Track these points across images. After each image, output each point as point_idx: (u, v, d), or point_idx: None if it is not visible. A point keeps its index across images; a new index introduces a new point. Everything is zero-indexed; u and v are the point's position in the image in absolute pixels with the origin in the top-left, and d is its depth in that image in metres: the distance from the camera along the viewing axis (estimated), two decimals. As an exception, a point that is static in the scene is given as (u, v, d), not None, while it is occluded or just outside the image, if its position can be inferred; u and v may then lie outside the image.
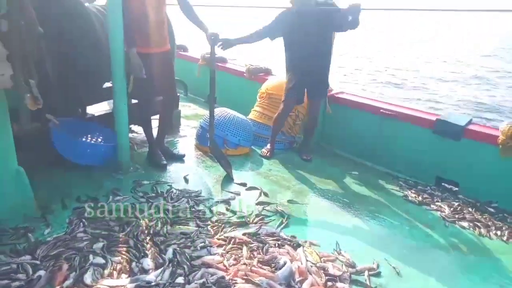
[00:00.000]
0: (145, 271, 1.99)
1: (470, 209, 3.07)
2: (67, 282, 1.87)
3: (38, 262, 2.00)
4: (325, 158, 3.91)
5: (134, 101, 3.58)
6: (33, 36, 2.20)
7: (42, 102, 2.30)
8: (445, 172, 3.47)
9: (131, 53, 2.93)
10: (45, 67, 2.87)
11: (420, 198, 3.20)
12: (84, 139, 3.19)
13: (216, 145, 3.41)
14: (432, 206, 3.10)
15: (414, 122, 3.59)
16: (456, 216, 2.95)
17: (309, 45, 3.46)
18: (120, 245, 2.19)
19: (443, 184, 3.49)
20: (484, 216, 2.96)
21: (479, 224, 2.85)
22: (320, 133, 4.22)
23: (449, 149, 3.38)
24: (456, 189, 3.40)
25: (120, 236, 2.27)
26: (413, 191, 3.34)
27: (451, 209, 3.04)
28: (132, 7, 2.88)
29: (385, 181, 3.52)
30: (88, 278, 1.90)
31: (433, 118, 3.51)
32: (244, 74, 4.88)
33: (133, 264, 2.04)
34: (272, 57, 3.67)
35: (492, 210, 3.05)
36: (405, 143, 3.67)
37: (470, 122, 3.41)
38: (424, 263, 2.36)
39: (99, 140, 3.32)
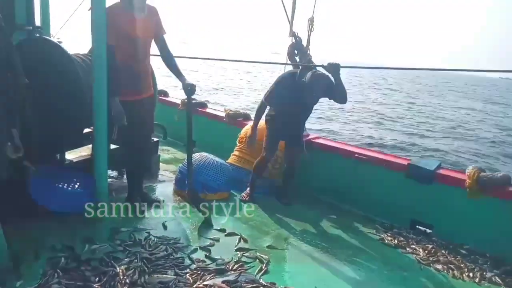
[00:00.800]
0: (121, 325, 1.94)
1: (443, 251, 3.16)
2: None
3: (8, 318, 1.91)
4: (304, 202, 3.98)
5: (113, 146, 3.61)
6: (19, 86, 2.26)
7: (22, 151, 2.32)
8: (419, 215, 3.59)
9: (113, 102, 3.00)
10: (25, 113, 2.89)
11: (396, 241, 3.28)
12: (62, 186, 3.15)
13: (194, 190, 3.43)
14: (407, 249, 3.18)
15: (387, 166, 3.76)
16: (431, 258, 3.03)
17: (297, 105, 3.70)
18: (95, 297, 2.13)
19: (417, 227, 3.60)
20: (457, 258, 3.06)
21: (452, 266, 2.93)
22: (298, 176, 4.31)
23: (421, 192, 3.53)
24: (430, 231, 3.51)
25: (96, 287, 2.21)
26: (389, 234, 3.42)
27: (426, 251, 3.12)
28: (119, 59, 2.99)
29: (361, 224, 3.60)
30: (61, 334, 1.83)
31: (405, 162, 3.69)
32: (224, 119, 5.01)
33: (109, 317, 1.99)
34: (251, 102, 3.81)
35: (464, 252, 3.16)
36: (379, 186, 3.80)
37: (439, 167, 3.59)
38: (401, 308, 2.40)
39: (76, 186, 3.29)
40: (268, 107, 3.83)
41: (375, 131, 13.21)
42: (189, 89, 3.26)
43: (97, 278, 2.30)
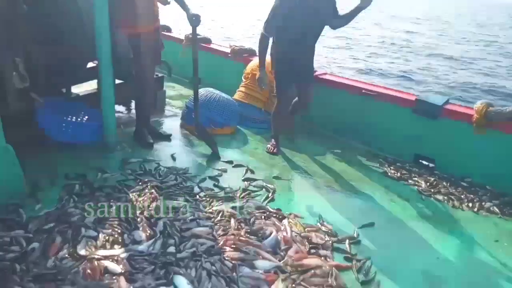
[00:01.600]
0: (137, 243, 2.07)
1: (445, 183, 3.24)
2: (61, 253, 1.93)
3: (31, 235, 2.04)
4: (309, 137, 4.02)
5: (118, 81, 3.59)
6: (18, 14, 2.19)
7: (28, 81, 2.32)
8: (423, 150, 3.63)
9: (117, 34, 2.92)
10: (30, 47, 2.85)
11: (398, 174, 3.36)
12: (69, 119, 3.18)
13: (201, 125, 3.47)
14: (409, 181, 3.26)
15: (394, 101, 3.72)
16: (432, 190, 3.12)
17: (304, 32, 3.23)
18: (111, 219, 2.25)
19: (420, 161, 3.66)
20: (457, 190, 3.14)
21: (452, 197, 3.03)
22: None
23: (427, 127, 3.53)
24: (433, 165, 3.57)
25: (111, 210, 2.32)
26: (392, 167, 3.50)
27: (427, 184, 3.21)
28: None
29: (366, 158, 3.66)
30: (81, 249, 1.96)
31: (413, 98, 3.65)
32: (229, 55, 4.89)
33: (125, 236, 2.11)
34: (256, 38, 3.69)
35: (465, 184, 3.24)
36: (385, 122, 3.80)
37: (447, 102, 3.56)
38: (401, 233, 2.53)
39: (85, 119, 3.32)
40: (271, 40, 3.34)
41: (386, 65, 12.69)
42: (194, 19, 3.15)
43: (111, 203, 2.41)
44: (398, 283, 2.04)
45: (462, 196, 3.04)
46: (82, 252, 1.95)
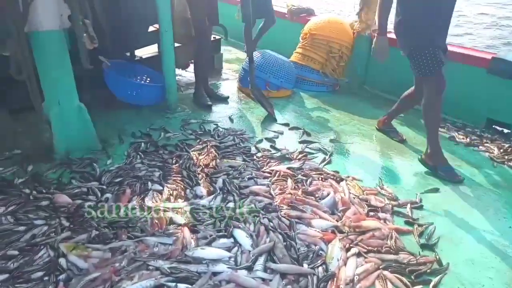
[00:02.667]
0: (198, 197, 2.17)
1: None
2: (131, 204, 2.09)
3: (104, 187, 2.23)
4: (369, 101, 3.85)
5: (177, 44, 3.66)
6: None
7: (97, 41, 2.43)
8: (497, 114, 3.33)
9: None
10: (95, 10, 2.98)
11: (468, 140, 3.13)
12: (134, 80, 3.34)
13: (257, 87, 3.46)
14: (480, 147, 3.03)
15: (466, 61, 3.40)
16: (506, 157, 2.87)
17: None
18: (174, 175, 2.37)
19: (494, 126, 3.36)
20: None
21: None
22: (364, 75, 4.12)
23: (503, 89, 3.21)
24: (508, 131, 3.27)
25: (174, 167, 2.45)
26: (461, 133, 3.26)
27: (501, 150, 2.96)
28: None
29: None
30: (149, 201, 2.10)
31: (489, 56, 3.31)
32: (286, 15, 4.75)
33: (187, 191, 2.22)
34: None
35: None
36: (455, 84, 3.46)
37: (529, 60, 3.18)
38: (468, 200, 2.38)
39: (148, 81, 3.47)
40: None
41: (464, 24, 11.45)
42: None
43: (174, 160, 2.53)
44: (463, 250, 1.95)
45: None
46: (149, 203, 2.09)
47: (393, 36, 2.78)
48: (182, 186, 2.25)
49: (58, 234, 1.83)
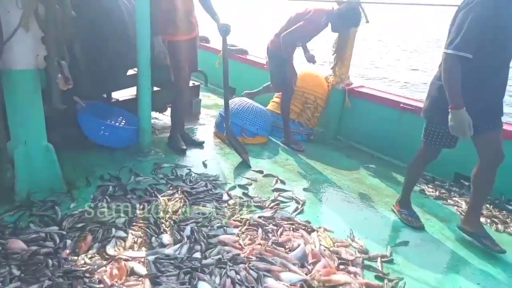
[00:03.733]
0: (164, 246, 2.07)
1: (488, 205, 3.03)
2: (91, 251, 1.97)
3: (64, 232, 2.11)
4: (342, 151, 3.93)
5: (156, 88, 3.69)
6: (67, 19, 2.31)
7: (72, 83, 2.42)
8: (464, 168, 3.43)
9: (156, 41, 3.03)
10: (75, 52, 3.00)
11: (437, 193, 3.19)
12: (108, 122, 3.30)
13: (232, 133, 3.48)
14: (449, 201, 3.09)
15: (434, 117, 3.56)
16: (473, 211, 2.92)
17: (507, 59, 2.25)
18: (140, 221, 2.28)
19: (461, 180, 3.46)
20: (502, 213, 2.93)
21: (496, 220, 2.83)
22: (338, 125, 4.23)
23: (470, 145, 3.33)
24: (475, 186, 3.36)
25: (141, 213, 2.36)
26: (430, 186, 3.33)
27: (468, 204, 3.01)
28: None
29: (401, 174, 3.51)
30: (110, 249, 2.00)
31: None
32: (265, 66, 4.90)
33: (153, 239, 2.13)
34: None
35: (511, 207, 3.01)
36: (424, 138, 3.64)
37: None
38: (437, 254, 2.38)
39: (122, 123, 3.44)
40: None
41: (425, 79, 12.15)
42: (224, 29, 3.21)
43: (141, 206, 2.45)
44: (433, 308, 1.91)
45: (507, 220, 2.83)
46: (111, 252, 1.98)
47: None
48: (147, 234, 2.16)
49: (5, 285, 1.69)
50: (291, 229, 2.37)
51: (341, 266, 2.08)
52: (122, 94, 3.70)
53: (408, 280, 2.07)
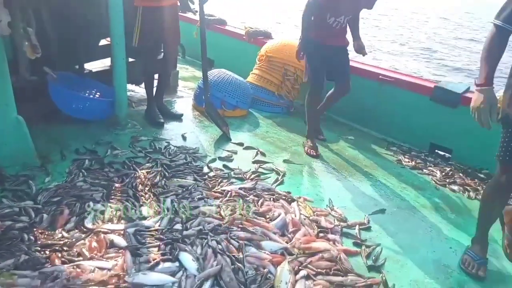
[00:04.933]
0: (144, 219, 2.05)
1: (461, 174, 3.15)
2: (69, 225, 1.93)
3: (40, 206, 2.05)
4: (322, 123, 3.93)
5: (131, 59, 3.56)
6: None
7: (40, 51, 2.29)
8: (439, 139, 3.53)
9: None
10: (42, 18, 2.83)
11: (413, 163, 3.27)
12: (82, 94, 3.18)
13: (212, 105, 3.42)
14: (424, 170, 3.18)
15: (412, 89, 3.61)
16: (447, 180, 3.03)
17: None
18: (119, 194, 2.24)
19: (436, 151, 3.56)
20: (474, 181, 3.05)
21: (468, 188, 2.94)
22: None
23: (445, 116, 3.42)
24: (449, 156, 3.47)
25: (120, 186, 2.31)
26: (406, 156, 3.41)
27: (443, 173, 3.12)
28: None
29: (379, 146, 3.58)
30: (89, 222, 1.96)
31: (431, 85, 3.54)
32: (244, 37, 4.81)
33: (132, 211, 2.10)
34: (272, 20, 3.61)
35: (482, 176, 3.13)
36: (402, 109, 3.70)
37: (467, 90, 3.43)
38: (412, 221, 2.46)
39: (97, 95, 3.31)
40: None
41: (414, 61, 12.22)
42: None
43: (120, 179, 2.40)
44: (408, 271, 1.99)
45: (479, 188, 2.95)
46: (89, 225, 1.94)
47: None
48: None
49: (-21, 259, 1.64)
50: (272, 199, 2.39)
51: (321, 234, 2.12)
52: (95, 65, 3.56)
53: (385, 246, 2.14)
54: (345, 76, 3.29)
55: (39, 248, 1.75)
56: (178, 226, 2.00)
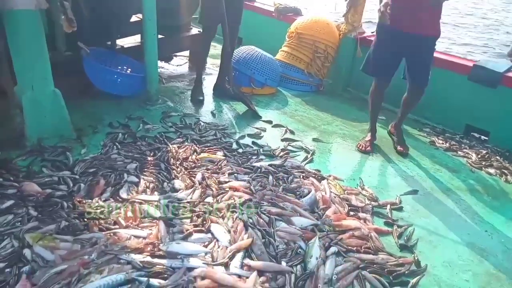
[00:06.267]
0: (176, 191, 2.09)
1: (498, 157, 3.02)
2: (105, 195, 1.99)
3: (77, 177, 2.12)
4: (352, 102, 3.86)
5: (160, 36, 3.56)
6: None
7: (76, 25, 2.33)
8: (476, 121, 3.38)
9: None
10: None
11: (447, 145, 3.16)
12: (114, 69, 3.23)
13: (236, 85, 3.42)
14: (459, 152, 3.07)
15: (448, 67, 3.45)
16: (483, 163, 2.91)
17: None
18: (151, 167, 2.29)
19: (472, 133, 3.42)
20: (512, 165, 2.92)
21: (506, 171, 2.82)
22: (348, 77, 4.13)
23: (483, 97, 3.26)
24: (486, 138, 3.33)
25: (152, 159, 2.36)
26: (440, 137, 3.30)
27: (479, 156, 3.00)
28: None
29: (412, 127, 3.47)
30: (123, 193, 2.02)
31: (470, 64, 3.37)
32: (273, 14, 4.71)
33: (165, 184, 2.14)
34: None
35: (521, 159, 3.00)
36: (436, 89, 3.52)
37: (509, 69, 3.25)
38: (446, 203, 2.39)
39: (128, 71, 3.36)
40: None
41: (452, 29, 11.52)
42: None
43: (151, 153, 2.45)
44: (441, 252, 1.95)
45: (517, 171, 2.82)
46: (124, 195, 2.00)
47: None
48: (159, 179, 2.17)
49: (24, 223, 1.72)
50: (301, 176, 2.38)
51: (351, 213, 2.10)
52: (127, 41, 3.59)
53: (417, 226, 2.10)
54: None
55: (78, 216, 1.82)
56: (210, 199, 2.03)
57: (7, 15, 2.15)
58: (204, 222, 1.84)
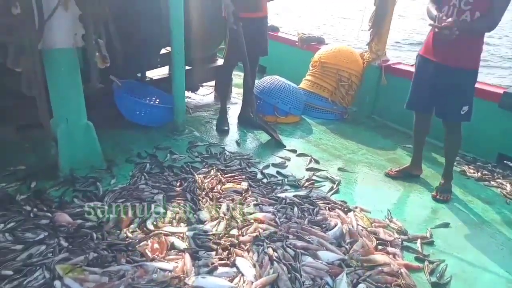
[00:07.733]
0: (202, 222, 2.10)
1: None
2: (132, 226, 2.03)
3: (106, 207, 2.17)
4: (377, 130, 3.81)
5: (187, 67, 3.68)
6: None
7: (109, 61, 2.45)
8: (509, 149, 3.26)
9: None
10: (110, 30, 3.02)
11: (479, 174, 3.05)
12: (143, 101, 3.35)
13: (259, 115, 3.49)
14: (492, 182, 2.95)
15: (477, 95, 3.36)
16: (519, 194, 2.79)
17: None
18: (178, 198, 2.32)
19: (505, 162, 3.29)
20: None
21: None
22: (373, 104, 4.10)
23: (514, 123, 3.16)
24: (520, 167, 3.20)
25: (178, 190, 2.40)
26: (471, 167, 3.19)
27: (514, 186, 2.88)
28: None
29: (440, 155, 3.38)
30: (150, 224, 2.04)
31: (500, 91, 3.29)
32: (296, 43, 4.80)
33: (191, 215, 2.16)
34: (325, 26, 3.55)
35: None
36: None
37: (542, 96, 3.14)
38: (481, 237, 2.29)
39: (157, 102, 3.47)
40: None
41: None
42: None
43: (178, 183, 2.49)
44: (477, 291, 1.85)
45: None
46: (151, 227, 2.03)
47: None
48: (185, 210, 2.19)
49: (55, 254, 1.77)
50: (327, 208, 2.35)
51: (380, 247, 2.04)
52: (155, 73, 3.73)
53: (450, 262, 2.01)
54: None
55: (106, 247, 1.85)
56: (235, 231, 2.02)
57: (46, 53, 2.30)
58: (229, 256, 1.83)
